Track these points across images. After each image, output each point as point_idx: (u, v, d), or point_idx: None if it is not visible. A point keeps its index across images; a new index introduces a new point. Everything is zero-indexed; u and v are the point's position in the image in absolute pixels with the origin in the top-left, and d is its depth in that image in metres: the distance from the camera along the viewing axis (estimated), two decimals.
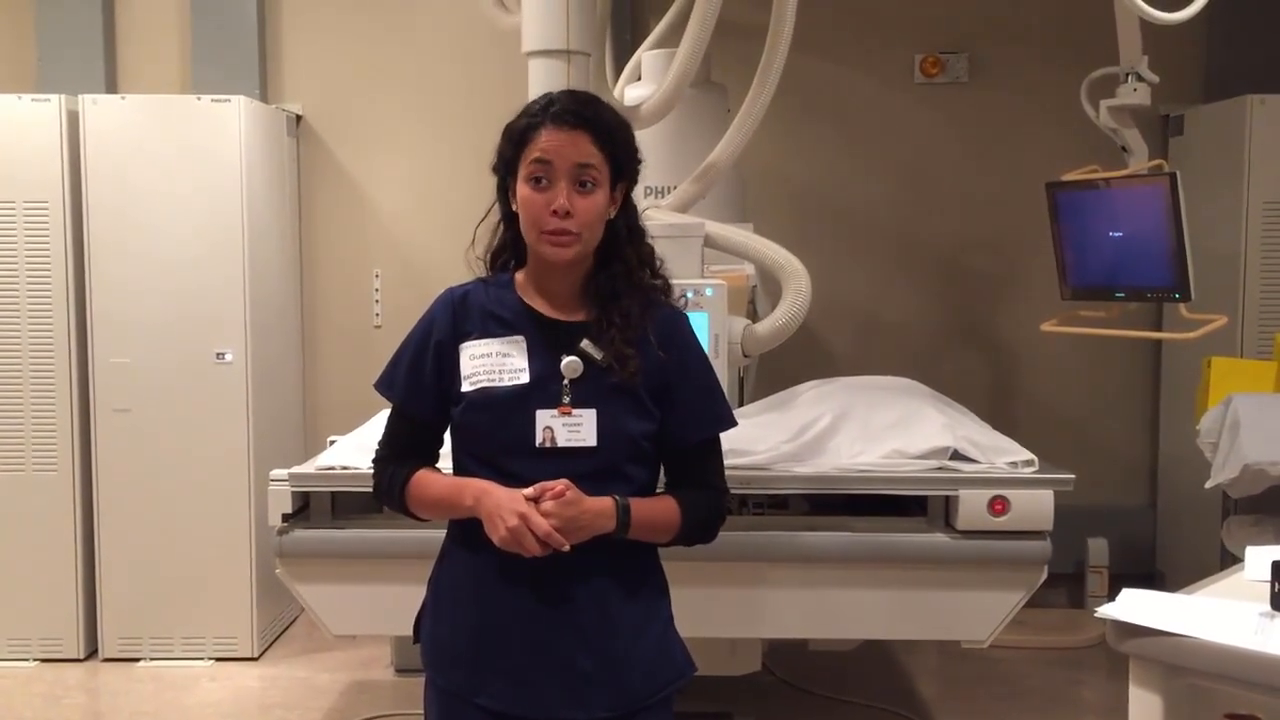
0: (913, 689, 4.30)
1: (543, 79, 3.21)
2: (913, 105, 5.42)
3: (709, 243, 3.36)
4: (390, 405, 2.14)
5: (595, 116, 1.99)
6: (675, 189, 3.66)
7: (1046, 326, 4.14)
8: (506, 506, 1.90)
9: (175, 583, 4.55)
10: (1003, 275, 5.45)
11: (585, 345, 2.00)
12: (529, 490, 1.91)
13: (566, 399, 1.98)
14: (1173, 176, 3.61)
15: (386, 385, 2.11)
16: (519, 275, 2.08)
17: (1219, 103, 4.95)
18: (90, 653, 4.62)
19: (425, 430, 2.11)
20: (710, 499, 2.11)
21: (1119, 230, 3.81)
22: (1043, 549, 3.00)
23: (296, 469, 3.15)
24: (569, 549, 1.90)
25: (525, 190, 1.98)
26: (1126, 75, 3.86)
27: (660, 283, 2.10)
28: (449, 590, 2.09)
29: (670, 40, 4.25)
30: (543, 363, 2.00)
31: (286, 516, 3.08)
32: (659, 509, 2.03)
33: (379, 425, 2.20)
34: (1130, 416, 5.50)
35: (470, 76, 5.25)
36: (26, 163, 4.48)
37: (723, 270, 3.58)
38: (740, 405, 3.52)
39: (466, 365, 2.02)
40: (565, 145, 1.95)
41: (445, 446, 2.13)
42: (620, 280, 2.04)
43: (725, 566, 2.92)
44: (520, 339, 2.02)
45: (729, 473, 2.18)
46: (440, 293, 2.11)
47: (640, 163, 2.07)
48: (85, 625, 4.59)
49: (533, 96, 2.17)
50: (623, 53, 4.92)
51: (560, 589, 1.98)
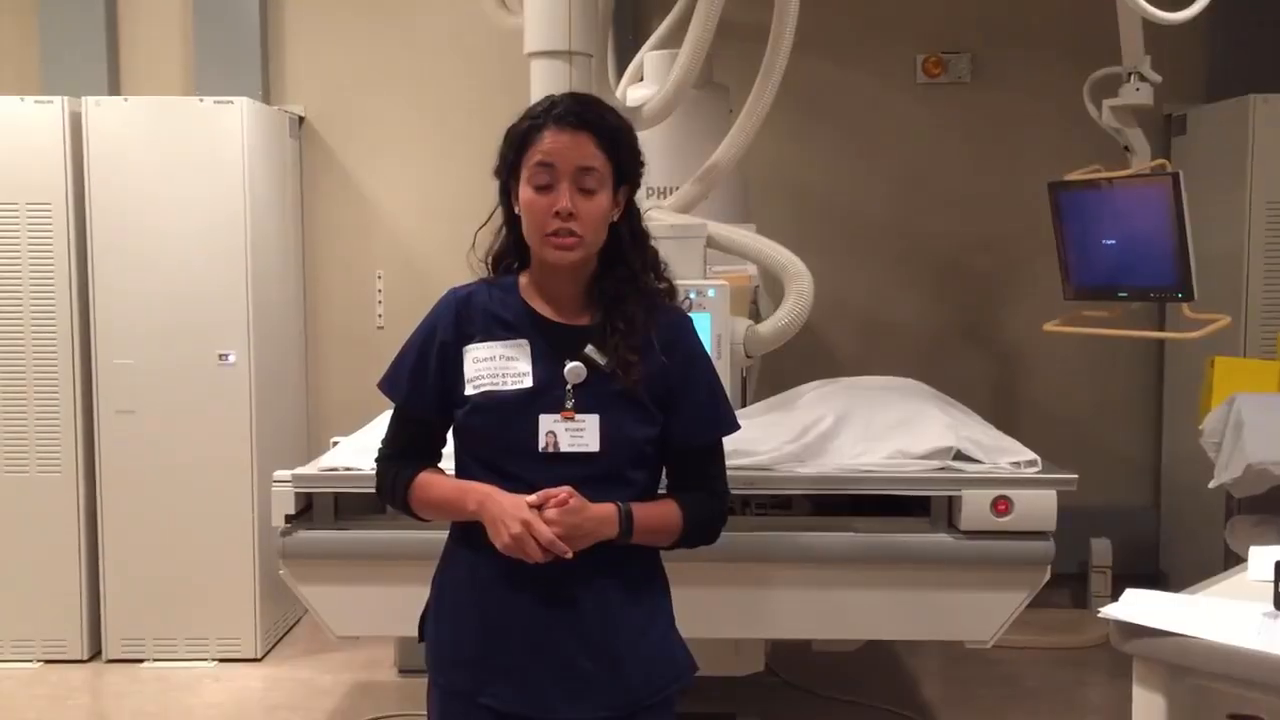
0: (916, 689, 4.30)
1: (544, 80, 3.21)
2: (915, 106, 5.42)
3: (711, 243, 3.37)
4: (393, 405, 2.14)
5: (598, 118, 1.98)
6: (677, 190, 3.66)
7: (1049, 326, 4.14)
8: (510, 513, 1.90)
9: (179, 584, 4.55)
10: (1005, 275, 5.45)
11: (589, 350, 2.00)
12: (532, 497, 1.91)
13: (570, 404, 1.98)
14: (1175, 176, 3.61)
15: (390, 385, 2.11)
16: (522, 278, 2.08)
17: (1222, 102, 4.95)
18: (94, 654, 4.62)
19: (428, 430, 2.11)
20: (712, 502, 2.11)
21: (1122, 230, 3.81)
22: (1046, 549, 2.99)
23: (299, 470, 3.15)
24: (572, 556, 1.90)
25: (528, 193, 1.97)
26: (1129, 75, 3.86)
27: (664, 286, 2.10)
28: (451, 591, 2.09)
29: (672, 41, 4.24)
30: (546, 367, 2.00)
31: (290, 517, 3.08)
32: (661, 514, 2.03)
33: (382, 426, 2.20)
34: (1133, 416, 5.50)
35: (472, 77, 5.25)
36: (29, 164, 4.48)
37: (725, 271, 3.58)
38: (743, 406, 3.52)
39: (470, 368, 2.02)
40: (567, 147, 1.95)
41: (448, 447, 2.13)
42: (624, 284, 2.03)
43: (728, 567, 2.92)
44: (524, 343, 2.01)
45: (732, 473, 2.18)
46: (444, 293, 2.10)
47: (643, 165, 2.06)
48: (89, 626, 4.59)
49: (535, 97, 2.18)
50: (625, 53, 4.92)
51: (562, 590, 1.98)
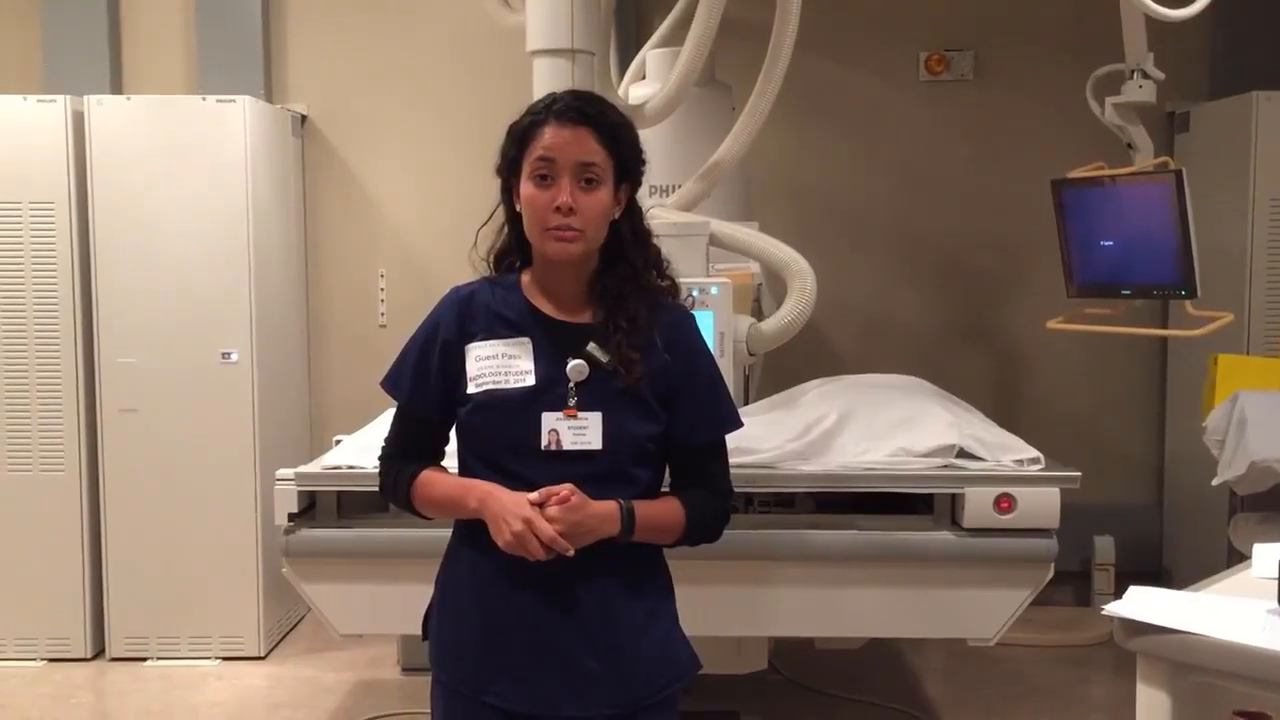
0: (919, 687, 4.30)
1: (547, 78, 3.21)
2: (918, 103, 5.42)
3: (714, 241, 3.36)
4: (396, 404, 2.14)
5: (599, 114, 1.98)
6: (680, 188, 3.66)
7: (1052, 324, 4.14)
8: (511, 511, 1.90)
9: (182, 582, 4.56)
10: (1008, 273, 5.45)
11: (591, 348, 1.99)
12: (534, 495, 1.91)
13: (572, 402, 1.98)
14: (1178, 173, 3.60)
15: (392, 384, 2.11)
16: (525, 276, 2.08)
17: (1225, 99, 4.94)
18: (97, 652, 4.62)
19: (430, 428, 2.10)
20: (715, 500, 2.10)
21: (1125, 227, 3.81)
22: (1049, 547, 2.99)
23: (302, 468, 3.16)
24: (573, 554, 1.91)
25: (529, 188, 1.97)
26: (1132, 72, 3.85)
27: (667, 283, 2.10)
28: (454, 589, 2.09)
29: (674, 39, 4.24)
30: (549, 365, 2.00)
31: (293, 516, 3.08)
32: (663, 511, 2.03)
33: (385, 425, 2.20)
34: (1136, 414, 5.50)
35: (474, 76, 5.25)
36: (32, 163, 4.48)
37: (728, 269, 3.58)
38: (746, 403, 3.52)
39: (473, 366, 2.02)
40: (568, 142, 1.95)
41: (450, 445, 2.13)
42: (626, 282, 2.03)
43: (731, 565, 2.91)
44: (526, 341, 2.01)
45: (735, 471, 2.18)
46: (446, 292, 2.10)
47: (644, 163, 2.06)
48: (92, 625, 4.59)
49: (537, 95, 2.17)
50: (627, 51, 4.92)
51: (565, 588, 1.98)
